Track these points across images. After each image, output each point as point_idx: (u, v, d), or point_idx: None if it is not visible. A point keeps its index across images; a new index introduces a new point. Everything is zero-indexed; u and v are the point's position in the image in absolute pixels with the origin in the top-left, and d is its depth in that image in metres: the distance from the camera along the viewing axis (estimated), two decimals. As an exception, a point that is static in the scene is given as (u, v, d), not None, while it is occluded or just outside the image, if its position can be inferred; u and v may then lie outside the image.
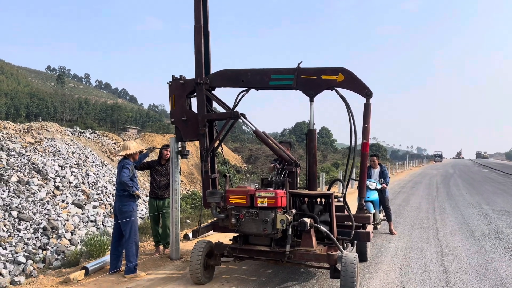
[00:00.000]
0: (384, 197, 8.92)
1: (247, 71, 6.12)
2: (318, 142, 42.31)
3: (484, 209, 13.02)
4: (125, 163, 5.95)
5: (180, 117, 6.35)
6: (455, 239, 8.45)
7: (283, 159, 5.95)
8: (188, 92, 6.36)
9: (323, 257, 4.93)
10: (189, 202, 20.17)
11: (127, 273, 5.77)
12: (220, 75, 6.29)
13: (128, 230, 5.85)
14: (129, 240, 5.84)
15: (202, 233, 6.37)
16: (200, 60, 6.28)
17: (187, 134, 6.39)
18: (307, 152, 5.96)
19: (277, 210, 5.02)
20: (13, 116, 74.04)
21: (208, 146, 6.25)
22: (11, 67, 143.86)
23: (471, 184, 23.94)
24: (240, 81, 6.15)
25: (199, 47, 6.33)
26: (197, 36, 6.33)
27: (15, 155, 19.18)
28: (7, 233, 13.51)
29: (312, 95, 5.84)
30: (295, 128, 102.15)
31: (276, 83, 6.02)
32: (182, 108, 6.36)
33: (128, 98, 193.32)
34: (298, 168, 6.01)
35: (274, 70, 6.03)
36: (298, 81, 5.86)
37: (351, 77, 5.65)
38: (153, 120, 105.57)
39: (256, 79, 6.09)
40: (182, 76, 6.40)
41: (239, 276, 5.86)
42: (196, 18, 6.35)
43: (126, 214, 5.88)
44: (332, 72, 5.74)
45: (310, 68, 5.88)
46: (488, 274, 6.03)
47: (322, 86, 5.79)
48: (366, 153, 5.69)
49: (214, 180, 6.46)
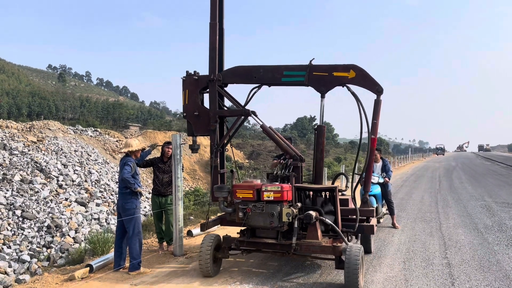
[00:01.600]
0: (387, 191, 8.92)
1: (259, 68, 6.17)
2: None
3: (487, 201, 13.01)
4: (126, 160, 5.97)
5: (192, 112, 6.38)
6: (458, 232, 8.46)
7: (289, 154, 6.02)
8: (201, 88, 6.39)
9: (329, 248, 5.05)
10: (192, 198, 20.22)
11: (131, 270, 5.79)
12: (232, 72, 6.34)
13: (131, 227, 5.88)
14: (132, 237, 5.86)
15: (210, 226, 6.44)
16: (214, 57, 6.31)
17: (199, 129, 6.42)
18: (315, 148, 6.02)
19: (283, 203, 5.14)
20: (15, 115, 74.19)
21: (219, 141, 6.31)
22: (12, 66, 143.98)
23: (473, 176, 23.91)
24: (252, 78, 6.22)
25: (213, 44, 6.34)
26: (212, 33, 6.35)
27: (18, 154, 19.24)
28: (12, 232, 13.59)
29: (323, 91, 5.90)
30: (296, 123, 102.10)
31: (288, 80, 6.06)
32: (195, 103, 6.39)
33: (129, 95, 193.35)
34: (303, 163, 6.08)
35: (286, 66, 6.07)
36: (310, 77, 5.90)
37: (362, 74, 5.69)
38: (155, 117, 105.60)
39: (268, 76, 6.14)
40: (196, 72, 6.43)
41: (246, 269, 5.90)
42: (212, 15, 6.36)
43: (129, 211, 5.89)
44: (343, 69, 5.77)
45: (322, 65, 5.92)
46: (492, 266, 6.03)
47: (334, 82, 5.84)
48: (374, 148, 5.75)
49: (222, 175, 6.55)
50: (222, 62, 6.60)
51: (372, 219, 6.00)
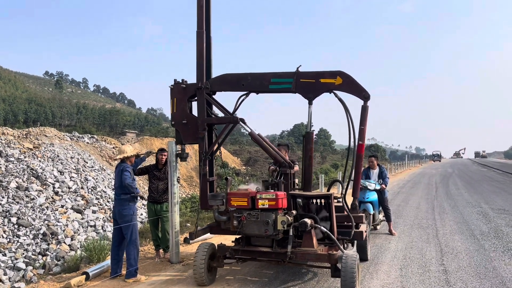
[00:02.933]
0: (383, 198, 8.94)
1: (247, 75, 6.20)
2: (317, 144, 42.52)
3: (483, 208, 13.04)
4: (123, 166, 5.97)
5: (180, 120, 6.40)
6: (454, 238, 8.47)
7: (278, 161, 6.01)
8: (189, 96, 6.42)
9: (324, 256, 5.02)
10: (188, 205, 20.15)
11: (128, 277, 5.77)
12: (220, 80, 6.36)
13: (129, 233, 5.87)
14: (130, 244, 5.86)
15: (199, 235, 6.40)
16: (202, 64, 6.34)
17: (187, 137, 6.44)
18: (303, 155, 6.02)
19: (278, 211, 5.10)
20: (12, 122, 74.00)
21: (207, 149, 6.30)
22: (9, 73, 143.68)
23: (470, 183, 23.97)
24: (240, 85, 6.24)
25: (201, 52, 6.38)
26: (199, 41, 6.39)
27: (14, 161, 19.16)
28: (7, 239, 13.49)
29: (311, 98, 5.92)
30: (293, 130, 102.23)
31: (275, 87, 6.09)
32: (183, 111, 6.41)
33: (126, 102, 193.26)
34: (293, 170, 6.08)
35: (273, 74, 6.10)
36: (297, 84, 5.94)
37: (349, 80, 5.73)
38: (152, 124, 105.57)
39: (256, 83, 6.17)
40: (184, 80, 6.46)
41: (242, 277, 5.87)
42: (199, 24, 6.40)
43: (126, 217, 5.89)
44: (330, 75, 5.81)
45: (309, 71, 5.96)
46: (488, 273, 6.05)
47: (321, 89, 5.87)
48: (362, 154, 5.79)
49: (212, 183, 6.52)
50: (210, 70, 6.62)
51: (362, 225, 6.00)
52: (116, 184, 6.10)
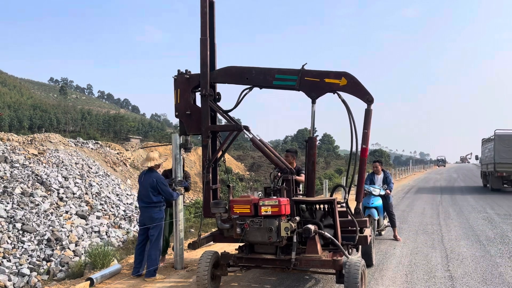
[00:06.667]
0: (388, 203, 8.89)
1: (251, 69, 6.18)
2: (320, 149, 42.54)
3: (489, 213, 12.96)
4: (157, 177, 6.10)
5: (184, 111, 6.37)
6: (460, 244, 8.41)
7: (279, 167, 5.98)
8: (193, 86, 6.38)
9: (329, 263, 4.94)
10: (192, 211, 20.15)
11: (148, 276, 6.01)
12: (224, 71, 6.34)
13: (156, 235, 6.15)
14: (154, 245, 6.14)
15: (202, 244, 6.36)
16: (206, 72, 6.29)
17: (191, 128, 6.41)
18: (306, 160, 5.99)
19: (281, 218, 5.04)
20: (17, 128, 74.40)
21: (211, 157, 6.29)
22: (14, 79, 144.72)
23: (475, 188, 23.83)
24: (244, 79, 6.21)
25: (204, 59, 6.35)
26: (203, 48, 6.35)
27: (19, 166, 19.26)
28: (11, 245, 13.52)
29: (314, 97, 5.88)
30: (297, 135, 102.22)
31: (279, 83, 6.07)
32: (187, 102, 6.37)
33: (130, 108, 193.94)
34: (295, 176, 6.05)
35: (278, 70, 6.08)
36: (302, 82, 5.90)
37: (353, 82, 5.69)
38: (156, 130, 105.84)
39: (260, 78, 6.14)
40: (187, 71, 6.43)
41: (245, 283, 5.85)
42: (202, 31, 6.37)
43: (158, 220, 6.21)
44: (335, 76, 5.78)
45: (314, 70, 5.92)
46: (494, 279, 5.99)
47: (325, 89, 5.84)
48: (365, 158, 5.73)
49: (215, 191, 6.49)
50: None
51: (366, 230, 5.94)
52: (143, 192, 6.18)
